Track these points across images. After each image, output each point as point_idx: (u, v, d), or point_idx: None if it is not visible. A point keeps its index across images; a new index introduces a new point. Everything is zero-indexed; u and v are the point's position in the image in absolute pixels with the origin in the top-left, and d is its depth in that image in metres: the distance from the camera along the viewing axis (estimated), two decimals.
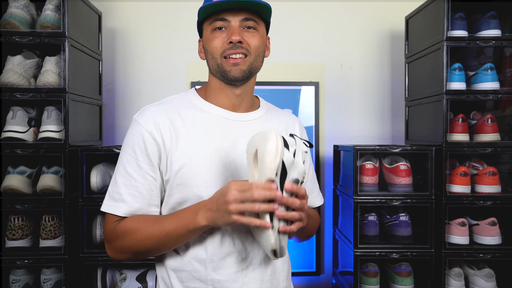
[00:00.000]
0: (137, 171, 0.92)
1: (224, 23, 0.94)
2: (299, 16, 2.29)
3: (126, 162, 0.93)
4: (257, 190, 0.76)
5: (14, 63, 1.71)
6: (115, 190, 0.93)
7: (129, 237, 0.90)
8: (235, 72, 0.94)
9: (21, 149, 1.68)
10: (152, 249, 0.90)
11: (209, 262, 0.93)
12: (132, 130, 0.96)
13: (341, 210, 2.05)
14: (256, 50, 0.96)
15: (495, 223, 1.75)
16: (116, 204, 0.92)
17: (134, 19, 2.25)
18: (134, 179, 0.92)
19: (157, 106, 0.98)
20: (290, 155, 0.80)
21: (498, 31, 1.76)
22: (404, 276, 1.78)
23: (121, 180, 0.93)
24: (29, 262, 1.68)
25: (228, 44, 0.93)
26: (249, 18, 0.94)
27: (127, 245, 0.90)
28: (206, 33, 0.97)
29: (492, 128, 1.77)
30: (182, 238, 0.88)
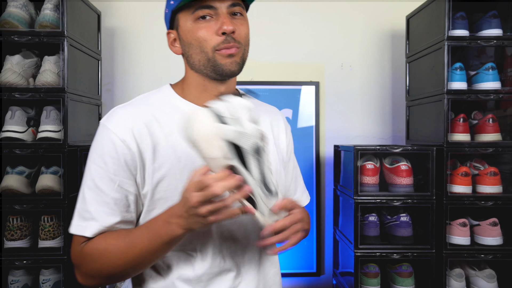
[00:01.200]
0: (109, 185, 0.80)
1: (210, 11, 0.82)
2: (299, 16, 2.28)
3: (96, 175, 0.80)
4: (216, 185, 0.66)
5: (13, 63, 1.70)
6: (85, 208, 0.81)
7: (98, 259, 0.78)
8: (231, 66, 0.83)
9: (19, 149, 1.67)
10: (126, 270, 0.79)
11: (197, 283, 0.83)
12: (101, 137, 0.82)
13: (341, 210, 2.04)
14: (246, 40, 0.86)
15: (496, 223, 1.74)
16: (86, 224, 0.80)
17: (134, 18, 2.25)
18: (106, 194, 0.80)
19: (128, 107, 0.85)
20: (231, 128, 0.67)
21: (499, 30, 1.75)
22: (405, 276, 1.77)
23: (91, 196, 0.80)
24: (28, 262, 1.67)
25: (220, 35, 0.81)
26: (235, 3, 0.84)
27: (96, 268, 0.79)
28: (186, 24, 0.84)
29: (493, 128, 1.77)
30: (159, 252, 0.77)
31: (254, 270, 0.89)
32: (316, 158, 2.24)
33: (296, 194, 1.09)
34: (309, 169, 2.25)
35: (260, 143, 0.70)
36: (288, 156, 1.05)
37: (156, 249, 0.76)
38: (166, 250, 0.77)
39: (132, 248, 0.76)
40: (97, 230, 0.80)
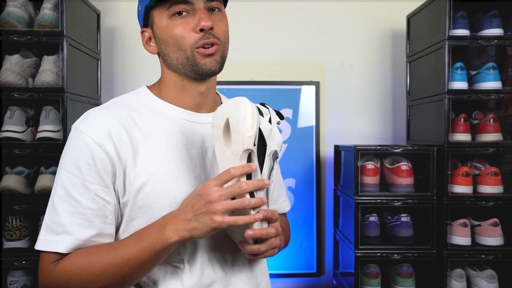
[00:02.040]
0: (85, 194, 0.73)
1: (187, 6, 0.77)
2: (299, 15, 2.28)
3: (68, 183, 0.73)
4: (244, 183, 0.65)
5: (12, 62, 1.69)
6: (55, 220, 0.73)
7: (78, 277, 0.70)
8: (210, 64, 0.78)
9: (19, 149, 1.66)
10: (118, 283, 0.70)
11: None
12: (75, 142, 0.75)
13: (341, 210, 2.04)
14: (225, 36, 0.81)
15: (497, 223, 1.73)
16: (58, 239, 0.72)
17: (133, 18, 2.23)
18: (81, 205, 0.72)
19: (103, 110, 0.79)
20: (267, 123, 0.71)
21: (500, 30, 1.74)
22: (406, 277, 1.76)
23: (63, 206, 0.73)
24: (27, 263, 1.67)
25: (198, 32, 0.77)
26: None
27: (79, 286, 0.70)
28: (161, 21, 0.79)
29: (494, 128, 1.76)
30: (148, 263, 0.69)
31: (245, 279, 0.84)
32: (316, 158, 2.24)
33: (279, 200, 1.06)
34: (309, 169, 2.24)
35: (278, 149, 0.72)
36: None
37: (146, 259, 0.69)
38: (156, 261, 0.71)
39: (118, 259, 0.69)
40: (72, 245, 0.72)
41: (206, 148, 0.83)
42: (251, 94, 2.21)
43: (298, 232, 2.23)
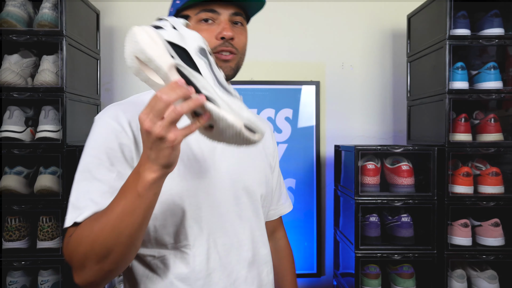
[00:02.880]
0: (107, 174, 0.77)
1: (213, 15, 0.86)
2: (300, 15, 2.27)
3: (92, 166, 0.77)
4: (165, 94, 0.60)
5: (11, 62, 1.69)
6: (79, 198, 0.76)
7: (84, 241, 0.71)
8: (225, 70, 0.86)
9: (18, 149, 1.66)
10: (113, 245, 0.69)
11: (195, 281, 0.83)
12: (99, 129, 0.81)
13: (342, 211, 2.03)
14: (243, 49, 0.90)
15: (498, 224, 1.73)
16: (79, 212, 0.74)
17: (133, 17, 2.23)
18: (105, 184, 0.76)
19: (123, 105, 0.86)
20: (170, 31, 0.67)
21: (501, 29, 1.74)
22: (406, 277, 1.76)
23: (87, 187, 0.76)
24: (26, 263, 1.66)
25: (218, 39, 0.85)
26: (238, 13, 0.88)
27: (84, 252, 0.70)
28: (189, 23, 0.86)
29: (495, 128, 1.75)
30: (139, 211, 0.67)
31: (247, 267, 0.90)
32: (316, 158, 2.23)
33: (281, 201, 1.11)
34: (310, 169, 2.24)
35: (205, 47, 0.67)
36: (274, 162, 1.08)
37: (135, 207, 0.67)
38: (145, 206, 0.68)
39: (110, 216, 0.68)
40: (91, 212, 0.74)
41: (214, 144, 0.87)
42: (251, 94, 2.21)
43: (298, 233, 2.22)
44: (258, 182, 0.95)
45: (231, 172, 0.90)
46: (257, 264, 0.93)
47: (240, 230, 0.90)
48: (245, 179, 0.92)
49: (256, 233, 0.93)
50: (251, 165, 0.95)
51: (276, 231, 1.16)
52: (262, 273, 0.94)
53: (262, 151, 1.01)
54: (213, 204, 0.86)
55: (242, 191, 0.91)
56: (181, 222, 0.83)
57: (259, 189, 0.95)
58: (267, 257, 0.97)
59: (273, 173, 1.06)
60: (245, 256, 0.89)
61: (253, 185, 0.93)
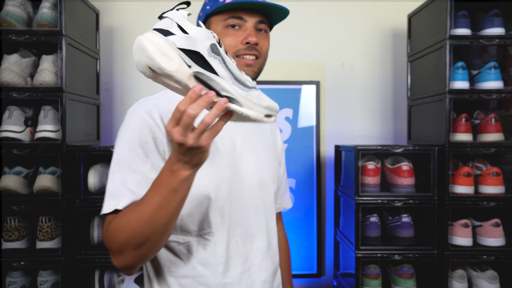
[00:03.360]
0: (142, 165, 0.83)
1: (240, 21, 0.93)
2: (300, 15, 2.27)
3: (128, 158, 0.83)
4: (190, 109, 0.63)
5: (10, 62, 1.68)
6: (117, 187, 0.82)
7: (122, 230, 0.77)
8: (248, 73, 0.92)
9: (17, 149, 1.65)
10: (149, 234, 0.76)
11: (217, 266, 0.90)
12: (131, 122, 0.86)
13: (342, 211, 2.03)
14: (266, 53, 0.98)
15: (498, 224, 1.72)
16: (118, 200, 0.81)
17: (132, 17, 2.23)
18: (140, 175, 0.82)
19: (155, 100, 0.91)
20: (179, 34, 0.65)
21: (502, 29, 1.73)
22: (406, 278, 1.75)
23: (124, 176, 0.82)
24: (26, 264, 1.66)
25: (244, 44, 0.92)
26: (263, 21, 0.95)
27: (121, 240, 0.77)
28: (217, 28, 0.94)
29: (496, 127, 1.75)
30: (174, 204, 0.74)
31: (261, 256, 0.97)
32: (316, 158, 2.23)
33: (285, 196, 1.19)
34: (310, 170, 2.23)
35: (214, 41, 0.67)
36: (281, 158, 1.15)
37: (168, 200, 0.73)
38: (178, 201, 0.74)
39: (145, 207, 0.75)
40: (129, 201, 0.80)
41: (235, 140, 0.96)
42: None
43: (299, 233, 2.22)
44: (271, 178, 1.02)
45: (249, 168, 0.97)
46: (271, 253, 1.00)
47: (256, 222, 0.97)
48: (261, 174, 0.99)
49: (270, 225, 1.01)
50: (267, 162, 1.02)
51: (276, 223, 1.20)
52: (275, 262, 1.01)
53: (273, 149, 1.08)
54: (233, 196, 0.93)
55: (259, 185, 0.98)
56: (205, 211, 0.90)
57: (272, 184, 1.02)
58: (277, 248, 1.04)
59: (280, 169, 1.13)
60: (260, 245, 0.97)
61: (268, 180, 1.01)
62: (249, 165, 0.97)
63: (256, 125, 1.00)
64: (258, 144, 1.02)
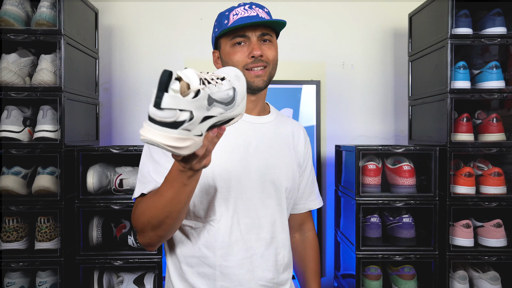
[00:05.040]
0: (164, 158, 0.97)
1: (244, 38, 1.05)
2: (300, 14, 2.26)
3: (153, 151, 0.99)
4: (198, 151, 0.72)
5: (9, 61, 1.68)
6: (145, 175, 0.98)
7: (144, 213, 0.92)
8: (258, 83, 1.06)
9: (16, 149, 1.64)
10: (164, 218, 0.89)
11: (218, 249, 1.01)
12: None
13: (343, 211, 2.02)
14: (273, 61, 1.10)
15: (500, 224, 1.71)
16: (144, 186, 0.97)
17: (131, 16, 2.22)
18: (162, 166, 0.96)
19: None
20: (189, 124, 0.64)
21: (504, 28, 1.72)
22: (408, 279, 1.74)
23: (150, 167, 0.98)
24: (24, 264, 1.65)
25: (250, 58, 1.04)
26: (265, 33, 1.07)
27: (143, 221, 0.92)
28: (226, 48, 1.07)
29: (497, 127, 1.74)
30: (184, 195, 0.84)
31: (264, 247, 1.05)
32: (317, 158, 2.22)
33: (311, 197, 1.26)
34: None
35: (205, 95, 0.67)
36: (305, 162, 1.22)
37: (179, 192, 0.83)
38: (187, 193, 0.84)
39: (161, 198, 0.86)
40: (153, 187, 0.95)
41: (251, 140, 1.07)
42: None
43: None
44: (285, 176, 1.10)
45: (261, 166, 1.06)
46: (275, 245, 1.07)
47: (261, 214, 1.06)
48: (273, 172, 1.08)
49: (277, 219, 1.08)
50: (280, 161, 1.10)
51: (304, 223, 1.30)
52: (278, 255, 1.08)
53: (292, 150, 1.16)
54: (241, 189, 1.03)
55: (269, 182, 1.07)
56: (212, 200, 1.02)
57: (285, 182, 1.10)
58: (285, 242, 1.11)
59: (304, 171, 1.22)
60: (263, 236, 1.05)
61: (280, 179, 1.09)
62: (261, 163, 1.06)
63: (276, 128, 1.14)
64: (275, 145, 1.11)
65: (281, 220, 1.10)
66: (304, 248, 1.29)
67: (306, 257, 1.28)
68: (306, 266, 1.28)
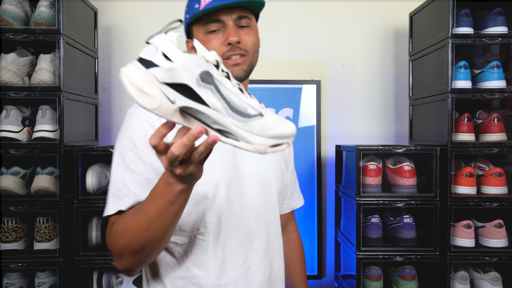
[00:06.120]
0: (142, 166, 0.83)
1: (219, 24, 0.91)
2: (300, 13, 2.25)
3: (127, 159, 0.84)
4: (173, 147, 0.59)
5: (8, 61, 1.67)
6: (119, 188, 0.83)
7: (122, 234, 0.78)
8: (237, 72, 0.92)
9: (14, 149, 1.63)
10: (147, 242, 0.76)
11: (211, 267, 0.89)
12: (130, 123, 0.88)
13: (343, 212, 2.01)
14: (253, 48, 0.95)
15: (501, 225, 1.70)
16: (121, 201, 0.82)
17: (131, 16, 2.21)
18: (139, 175, 0.83)
19: None
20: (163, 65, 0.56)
21: (505, 28, 1.72)
22: (408, 279, 1.74)
23: (125, 177, 0.83)
24: (23, 265, 1.64)
25: (226, 45, 0.90)
26: (242, 16, 0.92)
27: (122, 245, 0.78)
28: (199, 36, 0.93)
29: (499, 127, 1.73)
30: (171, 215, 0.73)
31: (260, 257, 0.95)
32: (317, 159, 2.21)
33: (294, 195, 1.18)
34: (310, 170, 2.21)
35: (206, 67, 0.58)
36: (289, 158, 1.14)
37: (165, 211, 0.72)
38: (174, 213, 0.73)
39: (143, 217, 0.74)
40: (132, 202, 0.81)
41: None
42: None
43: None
44: (275, 178, 1.01)
45: (250, 168, 0.95)
46: (270, 255, 0.98)
47: (255, 222, 0.95)
48: (263, 174, 0.98)
49: (271, 226, 0.99)
50: (270, 162, 1.00)
51: (288, 224, 1.22)
52: (273, 264, 0.99)
53: None
54: (233, 196, 0.92)
55: (260, 185, 0.96)
56: (202, 211, 0.88)
57: (276, 184, 1.01)
58: (279, 249, 1.02)
59: (287, 169, 1.12)
60: (258, 246, 0.95)
61: (271, 181, 0.99)
62: (250, 165, 0.95)
63: None
64: None
65: (275, 225, 1.00)
66: (289, 250, 1.21)
67: (292, 260, 1.21)
68: (292, 270, 1.21)
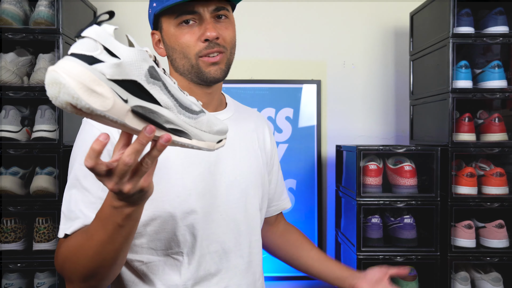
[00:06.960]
0: (95, 184, 0.74)
1: (194, 16, 0.80)
2: (300, 13, 2.24)
3: (80, 174, 0.76)
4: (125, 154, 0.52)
5: (7, 61, 1.66)
6: (70, 208, 0.76)
7: (69, 261, 0.71)
8: (215, 73, 0.83)
9: (13, 149, 1.63)
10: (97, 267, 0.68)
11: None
12: (84, 134, 0.79)
13: (343, 212, 2.00)
14: (231, 43, 0.85)
15: (502, 225, 1.70)
16: (70, 224, 0.75)
17: (130, 15, 2.21)
18: (92, 194, 0.75)
19: None
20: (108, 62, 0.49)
21: (506, 27, 1.71)
22: (409, 280, 1.73)
23: (77, 196, 0.76)
24: (22, 265, 1.64)
25: (203, 41, 0.80)
26: (220, 7, 0.81)
27: (71, 269, 0.71)
28: (169, 29, 0.82)
29: (500, 127, 1.73)
30: (121, 238, 0.65)
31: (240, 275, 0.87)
32: (317, 159, 2.20)
33: (282, 196, 1.12)
34: (311, 170, 2.21)
35: (151, 62, 0.55)
36: (272, 159, 1.05)
37: (114, 235, 0.64)
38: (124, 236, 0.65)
39: (91, 241, 0.66)
40: (80, 225, 0.74)
41: None
42: (250, 93, 2.18)
43: None
44: (254, 185, 0.92)
45: (227, 175, 0.86)
46: (252, 271, 0.90)
47: (234, 236, 0.87)
48: (243, 180, 0.89)
49: (253, 238, 0.91)
50: (250, 165, 0.92)
51: (278, 220, 1.16)
52: (257, 282, 0.91)
53: (258, 150, 0.97)
54: (207, 209, 0.83)
55: (240, 193, 0.88)
56: (172, 229, 0.80)
57: (257, 190, 0.93)
58: (261, 264, 0.95)
59: (272, 170, 1.05)
60: (238, 263, 0.87)
61: (252, 187, 0.91)
62: (226, 172, 0.86)
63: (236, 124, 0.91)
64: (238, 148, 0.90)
65: (256, 238, 0.92)
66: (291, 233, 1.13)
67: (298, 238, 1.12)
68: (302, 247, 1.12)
